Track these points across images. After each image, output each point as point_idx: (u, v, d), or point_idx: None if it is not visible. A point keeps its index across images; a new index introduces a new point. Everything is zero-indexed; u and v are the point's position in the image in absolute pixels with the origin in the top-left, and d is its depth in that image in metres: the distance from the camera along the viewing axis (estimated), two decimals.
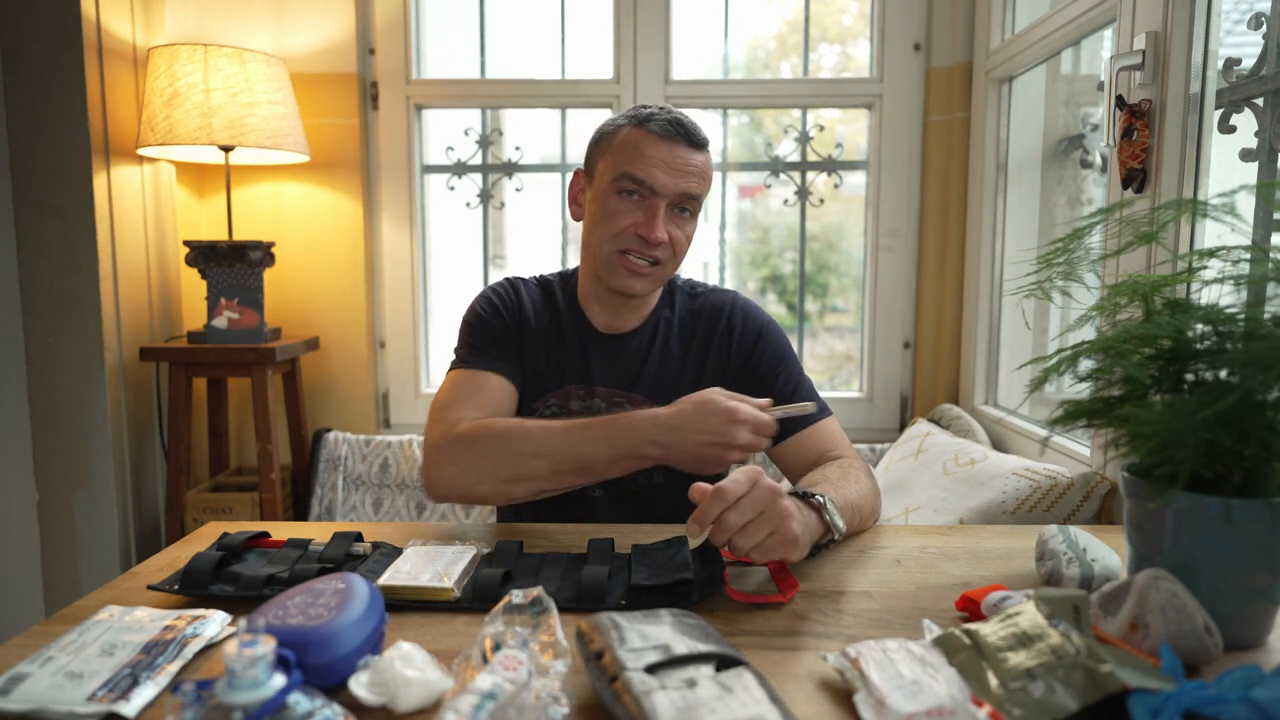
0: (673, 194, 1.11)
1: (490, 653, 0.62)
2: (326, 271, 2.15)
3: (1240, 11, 1.24)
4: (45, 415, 1.78)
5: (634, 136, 1.12)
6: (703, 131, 1.14)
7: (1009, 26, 1.91)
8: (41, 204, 1.75)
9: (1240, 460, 0.65)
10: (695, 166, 1.12)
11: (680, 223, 1.14)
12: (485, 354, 1.17)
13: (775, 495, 0.80)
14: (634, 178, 1.10)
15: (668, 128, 1.11)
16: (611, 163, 1.13)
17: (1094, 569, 0.81)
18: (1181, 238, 1.21)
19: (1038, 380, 0.77)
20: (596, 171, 1.17)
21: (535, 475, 1.01)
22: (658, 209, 1.11)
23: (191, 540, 1.00)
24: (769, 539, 0.80)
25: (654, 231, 1.10)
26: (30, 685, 0.62)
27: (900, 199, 2.14)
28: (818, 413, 1.17)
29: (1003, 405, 1.94)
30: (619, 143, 1.13)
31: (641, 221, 1.11)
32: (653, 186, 1.10)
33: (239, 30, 2.08)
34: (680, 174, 1.11)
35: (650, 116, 1.13)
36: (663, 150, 1.11)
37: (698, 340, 1.22)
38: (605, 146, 1.15)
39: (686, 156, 1.12)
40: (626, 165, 1.11)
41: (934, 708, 0.55)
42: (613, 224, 1.12)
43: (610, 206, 1.13)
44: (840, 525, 0.91)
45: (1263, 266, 0.69)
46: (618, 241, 1.12)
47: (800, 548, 0.82)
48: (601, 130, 1.18)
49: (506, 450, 1.01)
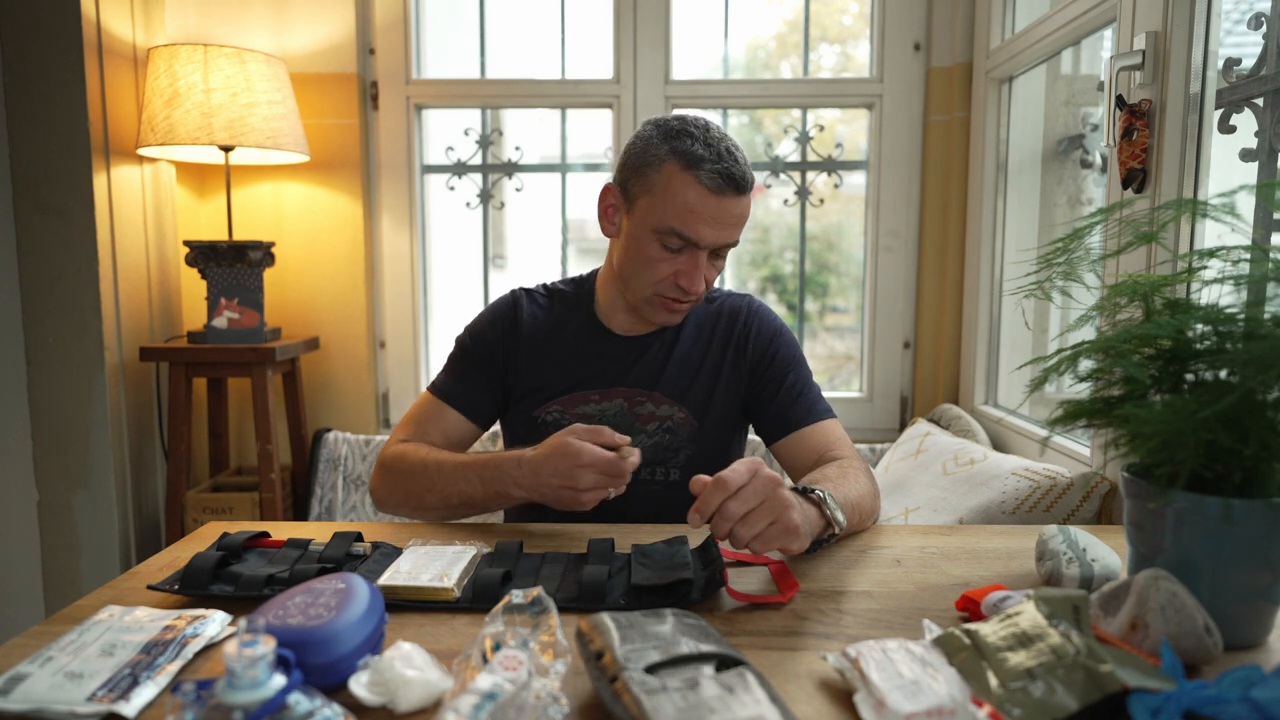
0: (717, 245, 1.10)
1: (490, 653, 0.62)
2: (326, 271, 2.15)
3: (1240, 11, 1.24)
4: (45, 415, 1.78)
5: (681, 185, 1.06)
6: (749, 170, 1.10)
7: (1009, 26, 1.91)
8: (41, 204, 1.75)
9: (1240, 460, 0.65)
10: (741, 214, 1.10)
11: (716, 261, 1.14)
12: (456, 385, 1.22)
13: (775, 485, 0.81)
14: (681, 235, 1.07)
15: (719, 181, 1.05)
16: (655, 206, 1.08)
17: (1094, 569, 0.81)
18: (1181, 238, 1.21)
19: (1038, 380, 0.77)
20: (636, 204, 1.11)
21: (433, 506, 1.09)
22: (699, 260, 1.10)
23: (191, 540, 1.00)
24: (770, 528, 0.80)
25: (695, 284, 1.10)
26: (30, 685, 0.62)
27: (900, 199, 2.14)
28: (823, 414, 1.19)
29: (1003, 405, 1.94)
30: (663, 185, 1.07)
31: (683, 272, 1.10)
32: (697, 242, 1.08)
33: (239, 30, 2.08)
34: (725, 226, 1.08)
35: (701, 161, 1.05)
36: (711, 205, 1.06)
37: (716, 341, 1.23)
38: (648, 182, 1.09)
39: (735, 207, 1.08)
40: (673, 221, 1.07)
41: (934, 708, 0.55)
42: (654, 272, 1.11)
43: (652, 254, 1.10)
44: (840, 519, 0.91)
45: (1263, 266, 0.69)
46: (659, 288, 1.12)
47: (801, 538, 0.82)
48: (643, 156, 1.10)
49: (411, 481, 1.10)
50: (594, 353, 1.22)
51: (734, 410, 1.23)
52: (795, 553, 0.84)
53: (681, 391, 1.21)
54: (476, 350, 1.23)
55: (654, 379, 1.21)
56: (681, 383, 1.21)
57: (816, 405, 1.20)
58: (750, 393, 1.23)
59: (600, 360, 1.21)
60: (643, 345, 1.22)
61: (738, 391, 1.23)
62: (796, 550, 0.83)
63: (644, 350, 1.22)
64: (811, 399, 1.20)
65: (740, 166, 1.08)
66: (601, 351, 1.22)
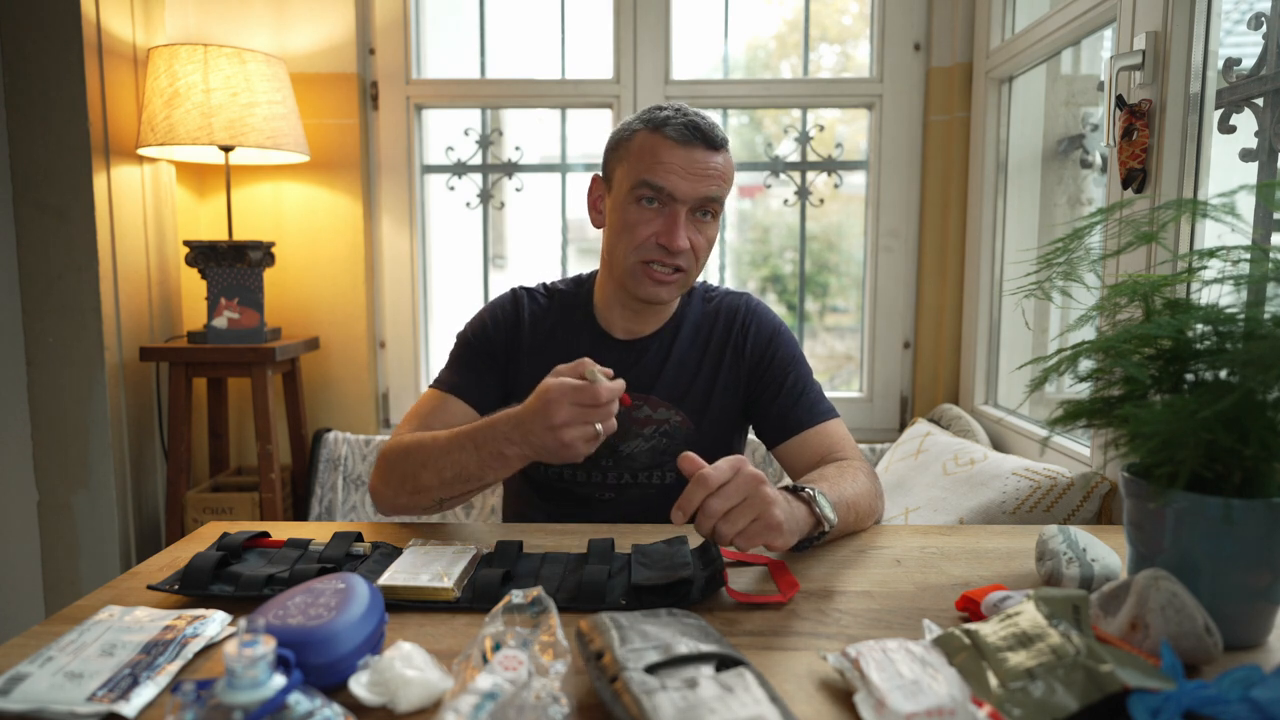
0: (693, 199, 1.10)
1: (490, 653, 0.62)
2: (326, 271, 2.15)
3: (1240, 11, 1.24)
4: (45, 415, 1.78)
5: (650, 142, 1.10)
6: (721, 131, 1.12)
7: (1009, 26, 1.91)
8: (41, 204, 1.75)
9: (1240, 460, 0.65)
10: (714, 169, 1.10)
11: (701, 226, 1.13)
12: (459, 376, 1.20)
13: (758, 482, 0.81)
14: (652, 185, 1.09)
15: (684, 132, 1.09)
16: (629, 170, 1.12)
17: (1094, 569, 0.81)
18: (1181, 238, 1.21)
19: (1038, 380, 0.77)
20: (614, 179, 1.15)
21: (428, 486, 1.03)
22: (678, 216, 1.10)
23: (191, 540, 1.00)
24: (752, 525, 0.80)
25: (675, 240, 1.09)
26: (30, 685, 0.62)
27: (900, 199, 2.14)
28: (825, 414, 1.18)
29: (1003, 405, 1.94)
30: (635, 149, 1.12)
31: (662, 230, 1.10)
32: (672, 193, 1.09)
33: (239, 30, 2.08)
34: (699, 178, 1.09)
35: (666, 120, 1.10)
36: (680, 155, 1.09)
37: (714, 343, 1.23)
38: (622, 153, 1.14)
39: (705, 159, 1.10)
40: (644, 172, 1.09)
41: (934, 708, 0.55)
42: (634, 234, 1.11)
43: (630, 216, 1.11)
44: (831, 516, 0.91)
45: (1263, 266, 0.69)
46: (640, 252, 1.11)
47: (785, 534, 0.82)
48: (617, 135, 1.16)
49: (406, 464, 1.05)
50: (592, 357, 1.21)
51: (732, 412, 1.23)
52: (781, 549, 0.85)
53: (679, 395, 1.20)
54: (480, 344, 1.22)
55: (651, 382, 1.20)
56: (679, 386, 1.20)
57: (817, 406, 1.19)
58: (750, 394, 1.22)
59: (602, 364, 1.20)
60: (640, 348, 1.22)
61: (736, 393, 1.22)
62: (782, 546, 0.84)
63: (642, 353, 1.21)
64: (812, 400, 1.19)
65: (708, 122, 1.11)
66: (602, 356, 1.20)
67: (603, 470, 1.19)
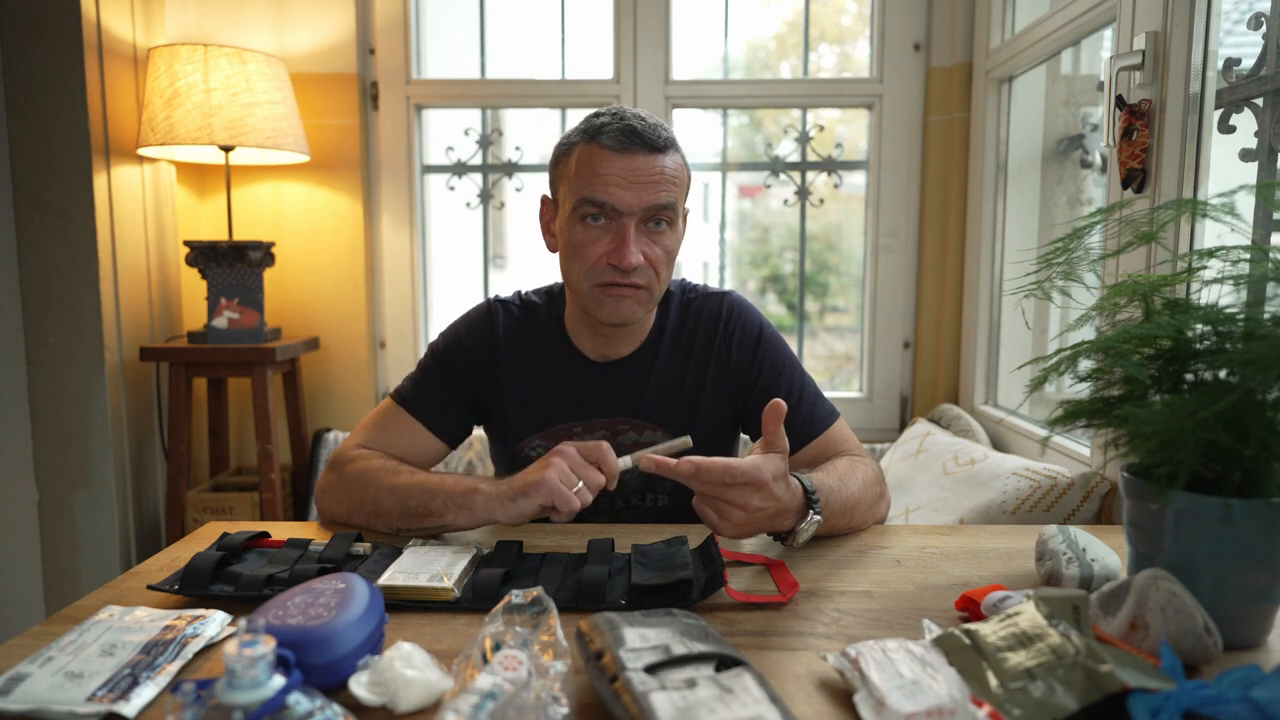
0: (640, 210, 1.02)
1: (490, 653, 0.62)
2: (326, 271, 2.15)
3: (1240, 11, 1.24)
4: (45, 415, 1.78)
5: (587, 154, 1.02)
6: (664, 131, 1.04)
7: (1009, 26, 1.91)
8: (41, 204, 1.75)
9: (1240, 460, 0.65)
10: (660, 173, 1.02)
11: (656, 238, 1.04)
12: (425, 396, 1.14)
13: (779, 510, 0.86)
14: (593, 201, 1.01)
15: (621, 138, 1.01)
16: (570, 187, 1.04)
17: (1094, 569, 0.81)
18: (1181, 238, 1.21)
19: (1038, 380, 0.77)
20: (559, 198, 1.09)
21: (387, 513, 0.99)
22: (626, 231, 1.02)
23: (191, 540, 1.00)
24: (751, 528, 0.87)
25: (625, 258, 1.01)
26: (30, 685, 0.62)
27: (900, 199, 2.14)
28: (825, 419, 1.15)
29: (1003, 405, 1.94)
30: (574, 163, 1.04)
31: (612, 249, 1.02)
32: (616, 207, 1.01)
33: (239, 30, 2.08)
34: (643, 186, 1.01)
35: (602, 128, 1.02)
36: (619, 164, 1.00)
37: (696, 352, 1.16)
38: (563, 169, 1.07)
39: (649, 164, 1.01)
40: (584, 189, 1.02)
41: (934, 708, 0.55)
42: (584, 257, 1.04)
43: (577, 237, 1.04)
44: (810, 485, 0.92)
45: (1263, 266, 0.70)
46: (594, 275, 1.04)
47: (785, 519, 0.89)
48: (557, 151, 1.09)
49: (365, 489, 1.01)
50: (572, 383, 1.15)
51: (722, 421, 1.17)
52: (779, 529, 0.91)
53: (664, 415, 1.14)
54: (451, 360, 1.16)
55: (635, 405, 1.15)
56: (663, 405, 1.15)
57: (816, 412, 1.13)
58: (740, 404, 1.17)
59: (580, 390, 1.15)
60: (619, 370, 1.15)
61: (725, 401, 1.16)
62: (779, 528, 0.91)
63: (622, 375, 1.15)
64: (810, 405, 1.13)
65: (647, 124, 1.03)
66: (580, 381, 1.15)
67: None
